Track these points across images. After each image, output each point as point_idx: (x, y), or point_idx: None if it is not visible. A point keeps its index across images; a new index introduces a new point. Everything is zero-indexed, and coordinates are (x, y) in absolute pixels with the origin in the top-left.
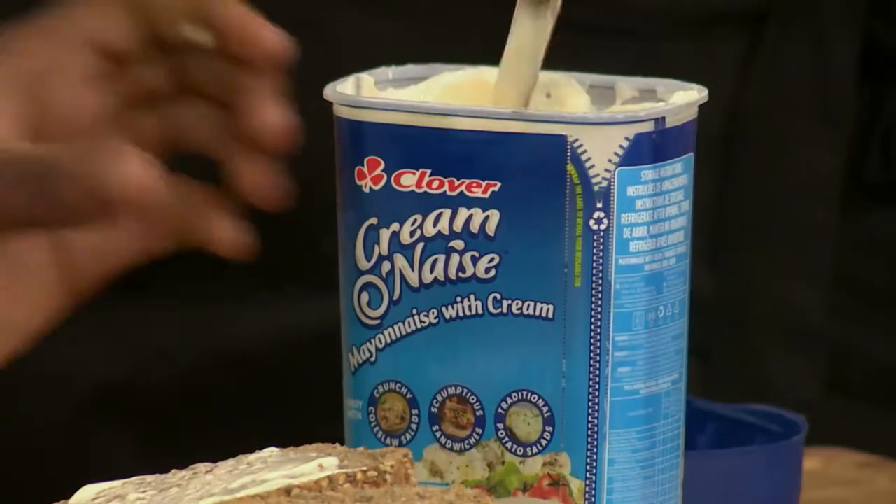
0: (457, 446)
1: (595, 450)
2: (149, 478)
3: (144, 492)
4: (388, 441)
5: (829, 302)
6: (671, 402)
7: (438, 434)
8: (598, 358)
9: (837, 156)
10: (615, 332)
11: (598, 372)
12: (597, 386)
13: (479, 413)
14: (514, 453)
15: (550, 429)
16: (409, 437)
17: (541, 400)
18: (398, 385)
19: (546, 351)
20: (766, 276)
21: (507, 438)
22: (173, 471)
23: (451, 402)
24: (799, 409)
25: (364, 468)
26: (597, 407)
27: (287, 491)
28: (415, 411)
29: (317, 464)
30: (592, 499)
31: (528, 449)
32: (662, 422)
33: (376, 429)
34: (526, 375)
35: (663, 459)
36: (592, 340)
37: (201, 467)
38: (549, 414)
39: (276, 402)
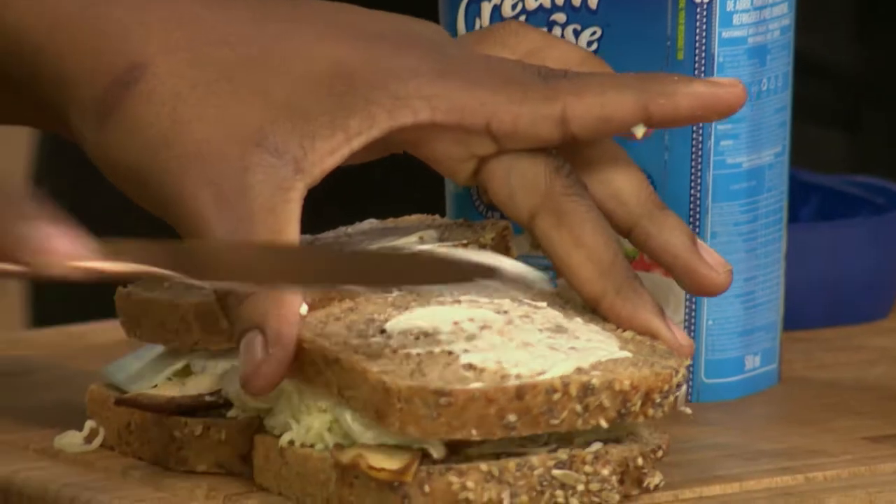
0: None
1: (697, 223)
2: None
3: None
4: (489, 214)
5: None
6: (774, 174)
7: None
8: (700, 131)
9: None
10: None
11: (700, 145)
12: (699, 159)
13: None
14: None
15: None
16: None
17: (645, 173)
18: None
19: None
20: None
21: None
22: None
23: None
24: None
25: (464, 241)
26: (699, 180)
27: None
28: None
29: (417, 236)
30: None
31: None
32: (765, 195)
33: (478, 202)
34: (631, 150)
35: (766, 232)
36: None
37: (303, 239)
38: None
39: (375, 172)
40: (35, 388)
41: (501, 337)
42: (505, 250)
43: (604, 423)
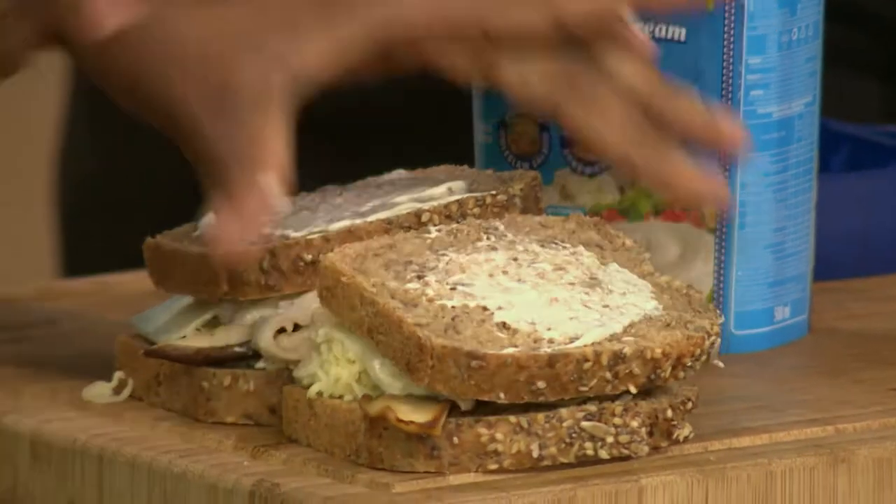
0: (588, 170)
1: (728, 174)
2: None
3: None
4: (518, 164)
5: None
6: (804, 124)
7: (570, 158)
8: (730, 81)
9: None
10: (748, 55)
11: (730, 95)
12: (729, 109)
13: None
14: None
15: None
16: (540, 160)
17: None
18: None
19: (678, 75)
20: None
21: None
22: (302, 193)
23: None
24: None
25: (493, 192)
26: None
27: (417, 216)
28: (546, 135)
29: (446, 187)
30: (725, 222)
31: None
32: (795, 145)
33: (507, 152)
34: None
35: (796, 182)
36: (725, 64)
37: (331, 190)
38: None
39: (404, 123)
40: (63, 338)
41: (536, 291)
42: (534, 200)
43: (633, 389)
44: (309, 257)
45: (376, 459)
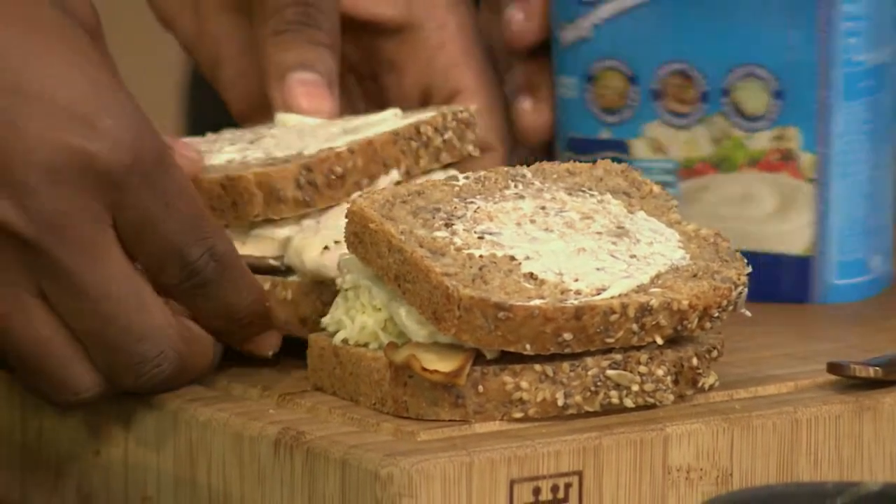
0: (680, 122)
1: (826, 123)
2: (239, 131)
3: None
4: (604, 118)
5: None
6: (892, 72)
7: (660, 110)
8: (825, 28)
9: None
10: (844, 2)
11: (826, 43)
12: (826, 57)
13: (703, 88)
14: (741, 128)
15: (779, 102)
16: (628, 114)
17: (768, 73)
18: (617, 62)
19: (772, 22)
20: None
21: (733, 113)
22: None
23: (673, 78)
24: None
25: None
26: (827, 79)
27: (416, 127)
28: (635, 88)
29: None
30: (823, 171)
31: (756, 123)
32: (884, 91)
33: (591, 106)
34: (751, 48)
35: (885, 130)
36: (820, 9)
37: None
38: (776, 87)
39: None
40: None
41: (563, 241)
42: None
43: (659, 340)
44: (340, 170)
45: (401, 408)
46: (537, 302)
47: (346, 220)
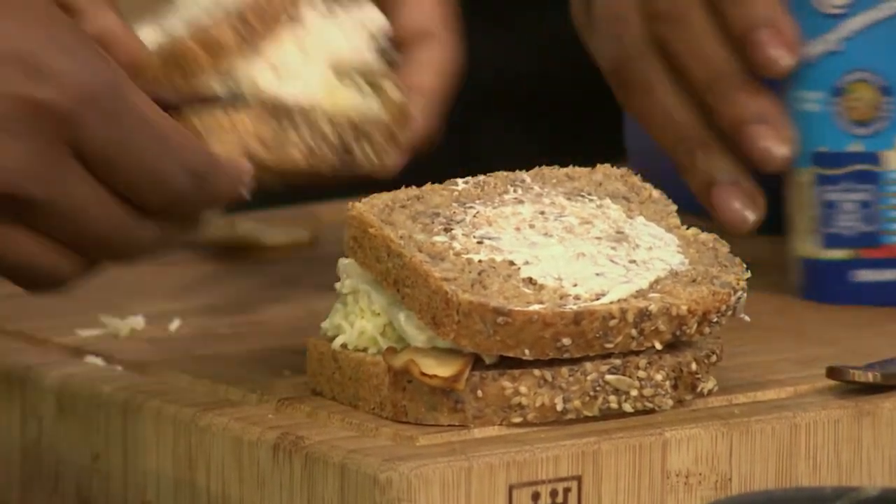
0: None
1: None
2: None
3: None
4: (855, 132)
5: None
6: None
7: None
8: None
9: None
10: None
11: None
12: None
13: None
14: None
15: None
16: (882, 125)
17: None
18: (869, 73)
19: None
20: None
21: None
22: None
23: None
24: None
25: None
26: None
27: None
28: (888, 99)
29: None
30: None
31: None
32: None
33: (841, 119)
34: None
35: None
36: None
37: None
38: None
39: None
40: None
41: (562, 246)
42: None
43: (658, 345)
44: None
45: (400, 412)
46: (536, 307)
47: (346, 225)
